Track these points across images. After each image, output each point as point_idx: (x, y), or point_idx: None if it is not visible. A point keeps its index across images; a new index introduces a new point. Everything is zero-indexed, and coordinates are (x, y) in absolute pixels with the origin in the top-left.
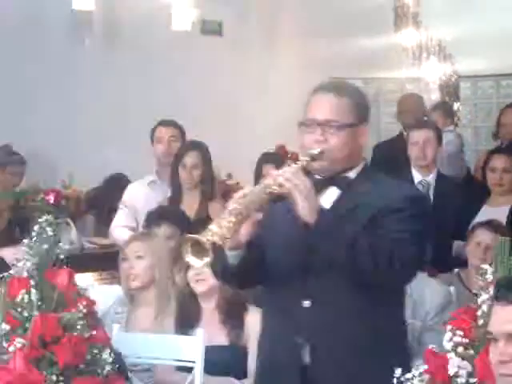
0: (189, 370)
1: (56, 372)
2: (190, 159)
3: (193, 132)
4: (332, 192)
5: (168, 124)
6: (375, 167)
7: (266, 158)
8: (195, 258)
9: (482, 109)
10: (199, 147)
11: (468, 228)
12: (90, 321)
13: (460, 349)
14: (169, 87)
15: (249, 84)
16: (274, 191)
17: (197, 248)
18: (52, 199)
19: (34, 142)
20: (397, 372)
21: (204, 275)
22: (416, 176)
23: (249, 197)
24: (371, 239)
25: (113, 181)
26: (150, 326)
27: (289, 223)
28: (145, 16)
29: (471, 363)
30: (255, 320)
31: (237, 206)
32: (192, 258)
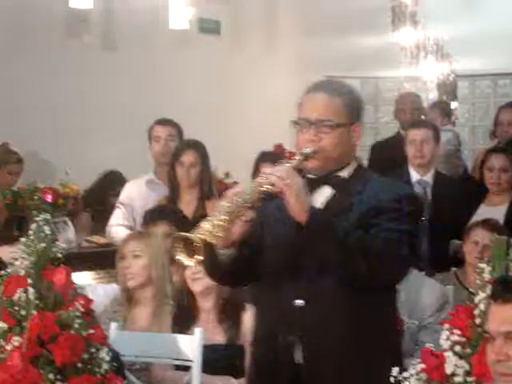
0: (186, 369)
1: (53, 371)
2: (188, 158)
3: (190, 131)
4: (325, 191)
5: (165, 123)
6: (371, 166)
7: (264, 157)
8: (186, 256)
9: (480, 108)
10: (197, 146)
11: (465, 227)
12: (88, 319)
13: (457, 347)
14: (166, 86)
15: (246, 83)
16: (266, 190)
17: (188, 246)
18: (50, 198)
19: (31, 141)
20: (394, 371)
21: (201, 274)
22: (414, 175)
23: (241, 195)
24: (362, 238)
25: (107, 178)
26: (148, 325)
27: (281, 222)
28: (142, 14)
29: (468, 362)
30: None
31: (229, 205)
32: (183, 256)
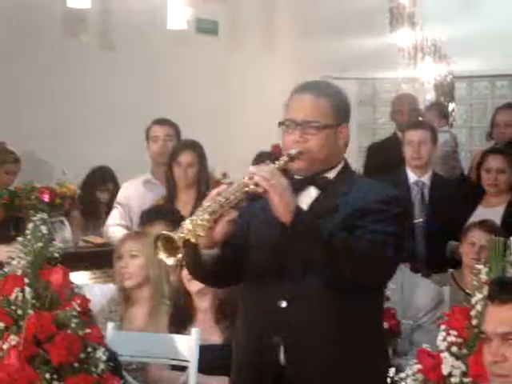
0: (182, 369)
1: (50, 370)
2: (185, 158)
3: (188, 131)
4: (311, 192)
5: (163, 123)
6: (367, 167)
7: (261, 158)
8: (167, 255)
9: (478, 109)
10: (194, 146)
11: (462, 228)
12: (85, 319)
13: (454, 348)
14: (164, 86)
15: (244, 83)
16: (250, 190)
17: (170, 245)
18: (47, 197)
19: (28, 141)
20: (390, 372)
21: None
22: (411, 176)
23: (224, 195)
24: (347, 240)
25: (96, 173)
26: (144, 325)
27: (266, 223)
28: (140, 14)
29: (465, 363)
30: None
31: (211, 204)
32: (164, 255)
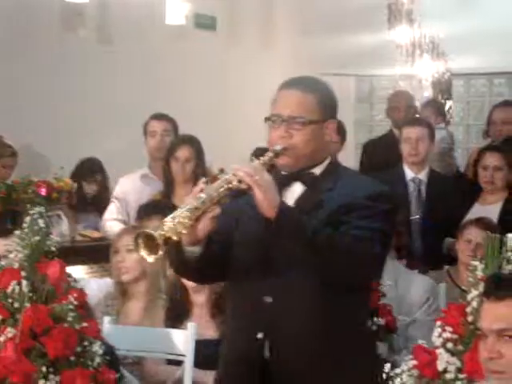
0: (178, 364)
1: (46, 363)
2: (183, 153)
3: (185, 126)
4: (296, 188)
5: (161, 118)
6: (364, 164)
7: (259, 153)
8: (148, 253)
9: (475, 107)
10: (192, 141)
11: (459, 225)
12: (82, 313)
13: (449, 345)
14: (162, 81)
15: (242, 79)
16: (234, 186)
17: (151, 242)
18: (44, 191)
19: (26, 134)
20: (386, 367)
21: None
22: (408, 173)
23: (207, 191)
24: (331, 236)
25: (84, 165)
26: (141, 319)
27: (251, 219)
28: (138, 9)
29: (460, 359)
30: None
31: (193, 201)
32: (145, 252)
